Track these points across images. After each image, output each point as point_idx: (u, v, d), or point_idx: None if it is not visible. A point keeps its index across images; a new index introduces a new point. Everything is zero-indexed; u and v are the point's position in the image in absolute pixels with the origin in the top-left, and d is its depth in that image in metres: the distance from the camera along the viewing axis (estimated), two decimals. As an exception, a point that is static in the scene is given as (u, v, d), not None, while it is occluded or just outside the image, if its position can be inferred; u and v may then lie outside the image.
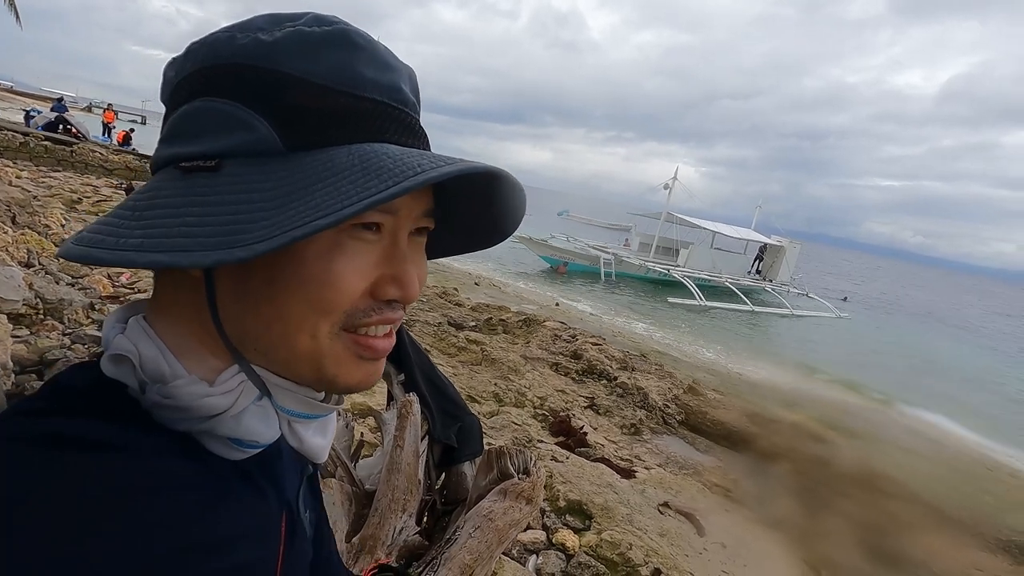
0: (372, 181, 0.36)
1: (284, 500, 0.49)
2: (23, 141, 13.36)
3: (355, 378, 0.44)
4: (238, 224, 0.35)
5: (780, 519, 4.55)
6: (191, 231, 0.35)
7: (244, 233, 0.35)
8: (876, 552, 4.27)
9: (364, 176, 0.37)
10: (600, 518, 3.66)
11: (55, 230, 6.53)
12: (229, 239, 0.34)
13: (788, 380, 10.48)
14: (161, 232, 0.36)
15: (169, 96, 0.43)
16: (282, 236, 0.34)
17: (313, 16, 0.41)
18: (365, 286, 0.41)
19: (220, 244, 0.34)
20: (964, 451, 7.77)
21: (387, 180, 0.36)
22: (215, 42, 0.41)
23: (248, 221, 0.35)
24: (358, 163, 0.38)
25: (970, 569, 4.32)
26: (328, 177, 0.37)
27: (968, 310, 49.84)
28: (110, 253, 0.36)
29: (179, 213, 0.37)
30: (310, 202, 0.35)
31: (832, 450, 5.98)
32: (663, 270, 21.14)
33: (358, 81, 0.40)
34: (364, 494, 1.75)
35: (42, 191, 9.55)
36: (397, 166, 0.37)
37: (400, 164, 0.37)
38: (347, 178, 0.37)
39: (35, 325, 3.82)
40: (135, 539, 0.31)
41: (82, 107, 45.28)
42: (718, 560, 3.78)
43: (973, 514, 5.22)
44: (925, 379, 13.52)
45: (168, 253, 0.35)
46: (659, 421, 6.22)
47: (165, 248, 0.35)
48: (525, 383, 6.16)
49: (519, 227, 0.52)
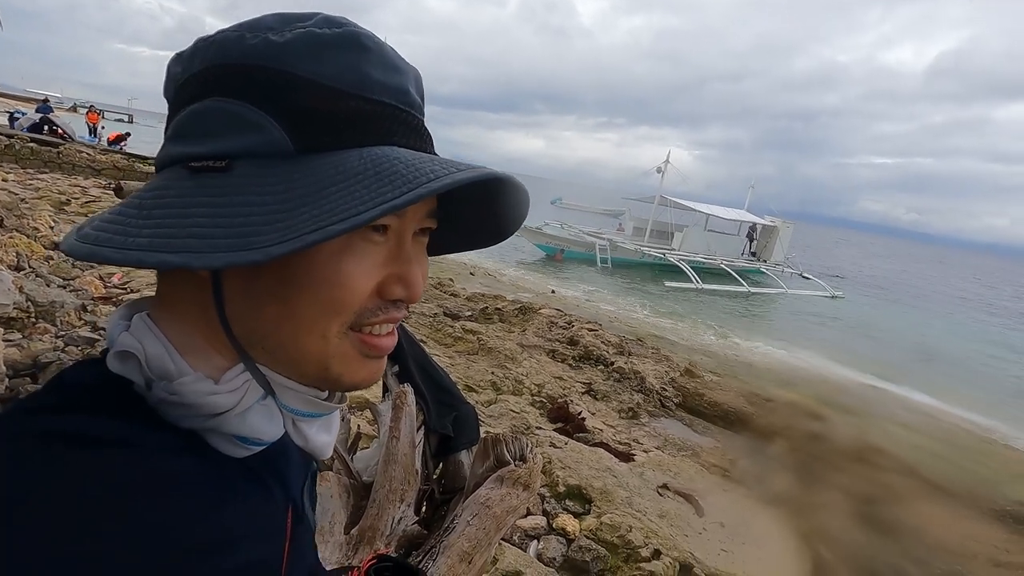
0: (386, 187, 0.37)
1: (290, 497, 0.49)
2: (8, 143, 13.19)
3: (359, 376, 0.44)
4: (250, 226, 0.35)
5: (777, 496, 4.61)
6: (202, 232, 0.35)
7: (257, 236, 0.35)
8: (872, 524, 4.33)
9: (378, 181, 0.37)
10: (600, 502, 3.70)
11: (44, 232, 6.47)
12: (242, 241, 0.35)
13: (784, 360, 10.56)
14: (170, 232, 0.36)
15: (174, 93, 0.43)
16: (297, 240, 0.34)
17: (323, 18, 0.41)
18: (372, 286, 0.42)
19: (233, 246, 0.34)
20: (958, 425, 7.87)
21: (401, 186, 0.37)
22: (224, 41, 0.40)
23: (261, 224, 0.35)
24: (370, 167, 0.38)
25: (965, 539, 4.39)
26: (340, 181, 0.37)
27: (961, 283, 50.19)
28: (119, 252, 0.36)
29: (189, 213, 0.37)
30: (324, 206, 0.35)
31: (828, 427, 6.05)
32: (658, 254, 21.16)
33: (367, 84, 0.41)
34: (362, 486, 1.76)
35: (29, 193, 9.46)
36: (410, 172, 0.38)
37: (413, 170, 0.38)
38: (360, 182, 0.37)
39: (27, 328, 3.79)
40: (139, 538, 0.31)
41: (67, 107, 44.75)
42: (717, 539, 3.83)
43: (968, 486, 5.30)
44: (919, 355, 13.63)
45: (179, 254, 0.35)
46: (656, 404, 6.27)
47: (176, 248, 0.35)
48: (522, 371, 6.18)
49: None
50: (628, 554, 3.26)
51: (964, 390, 10.28)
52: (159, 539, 0.31)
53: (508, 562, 2.82)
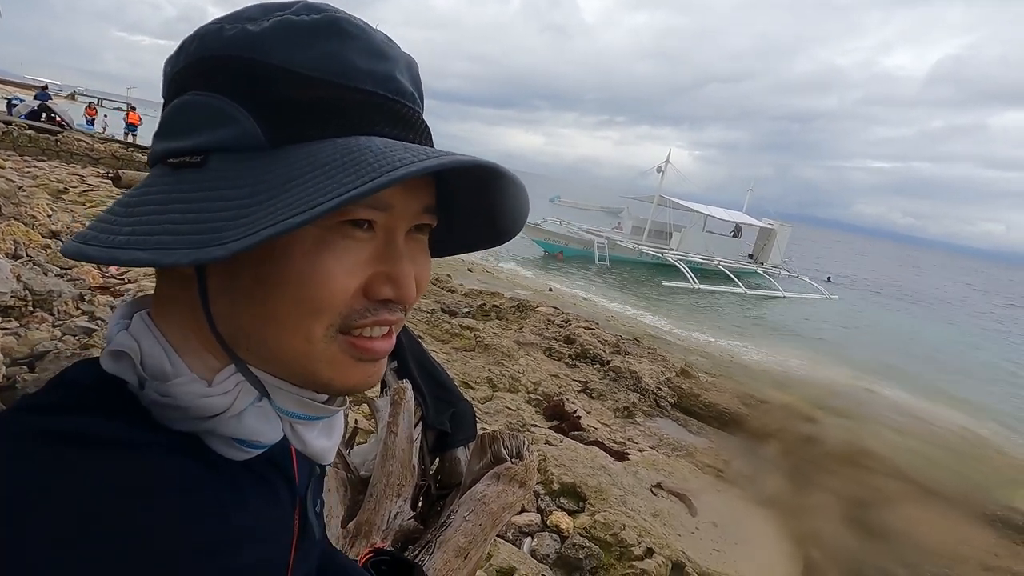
0: (350, 176, 0.34)
1: (296, 497, 0.49)
2: (6, 130, 13.08)
3: (352, 380, 0.42)
4: (216, 222, 0.34)
5: (770, 497, 4.63)
6: (176, 228, 0.35)
7: (223, 231, 0.34)
8: (864, 527, 4.36)
9: (343, 171, 0.35)
10: (594, 500, 3.72)
11: (42, 220, 6.44)
12: (208, 237, 0.34)
13: (779, 361, 10.59)
14: (147, 229, 0.36)
15: (165, 91, 0.42)
16: (255, 235, 0.33)
17: (304, 4, 0.40)
18: (356, 285, 0.40)
19: (199, 243, 0.34)
20: (950, 429, 7.90)
21: (364, 175, 0.34)
22: (205, 35, 0.40)
23: (227, 219, 0.34)
24: (339, 157, 0.36)
25: (956, 543, 4.42)
26: (308, 172, 0.35)
27: (954, 288, 50.38)
28: (99, 250, 0.36)
29: (165, 210, 0.36)
30: (286, 199, 0.34)
31: (821, 429, 6.08)
32: (657, 254, 21.20)
33: (349, 71, 0.39)
34: (359, 480, 1.77)
35: (27, 181, 9.40)
36: (378, 160, 0.35)
37: (381, 158, 0.35)
38: (327, 173, 0.35)
39: (24, 317, 3.78)
40: (139, 539, 0.30)
41: (66, 95, 44.44)
42: (710, 539, 3.86)
43: (960, 489, 5.33)
44: (912, 358, 13.70)
45: (150, 251, 0.34)
46: (652, 404, 6.28)
47: (149, 246, 0.35)
48: (519, 368, 6.19)
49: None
50: (621, 552, 3.28)
51: (956, 394, 10.34)
52: (160, 540, 0.31)
53: (502, 558, 2.83)
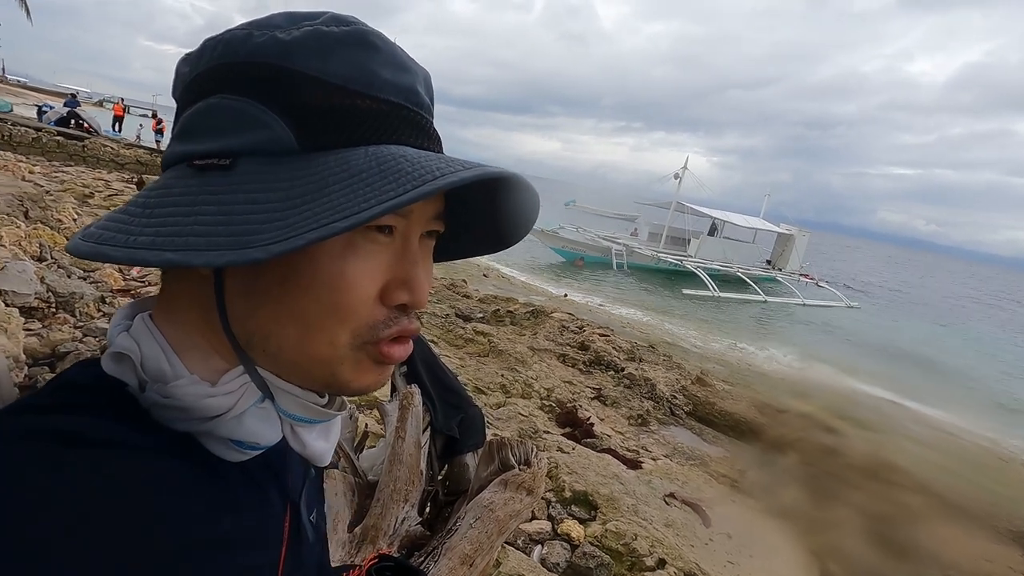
0: (390, 184, 0.36)
1: (288, 502, 0.49)
2: (36, 136, 13.49)
3: (367, 381, 0.44)
4: (251, 224, 0.35)
5: (787, 509, 4.54)
6: (204, 230, 0.35)
7: (258, 234, 0.34)
8: (884, 542, 4.25)
9: (381, 179, 0.36)
10: (605, 508, 3.68)
11: (67, 224, 6.60)
12: (243, 239, 0.34)
13: (798, 370, 10.42)
14: (173, 230, 0.36)
15: (181, 93, 0.43)
16: (298, 238, 0.33)
17: (331, 16, 0.41)
18: (376, 290, 0.41)
19: (233, 244, 0.34)
20: (975, 442, 7.70)
21: (405, 184, 0.36)
22: (232, 39, 0.40)
23: (263, 221, 0.35)
24: (375, 165, 0.37)
25: (979, 560, 4.30)
26: (345, 179, 0.36)
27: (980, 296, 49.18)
28: (120, 251, 0.36)
29: (192, 211, 0.36)
30: (326, 204, 0.35)
31: (841, 441, 5.95)
32: (675, 260, 21.06)
33: (374, 82, 0.40)
34: (367, 484, 1.77)
35: (54, 186, 9.65)
36: (416, 169, 0.37)
37: (418, 168, 0.37)
38: (364, 180, 0.36)
39: (47, 319, 3.88)
40: (131, 539, 0.30)
41: (94, 102, 45.63)
42: (724, 551, 3.79)
43: (985, 505, 5.18)
44: (936, 369, 13.39)
45: (180, 252, 0.34)
46: (666, 412, 6.22)
47: (177, 247, 0.35)
48: (532, 374, 6.17)
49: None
50: (632, 562, 3.23)
51: (981, 406, 10.07)
52: (153, 540, 0.31)
53: (511, 566, 2.81)
